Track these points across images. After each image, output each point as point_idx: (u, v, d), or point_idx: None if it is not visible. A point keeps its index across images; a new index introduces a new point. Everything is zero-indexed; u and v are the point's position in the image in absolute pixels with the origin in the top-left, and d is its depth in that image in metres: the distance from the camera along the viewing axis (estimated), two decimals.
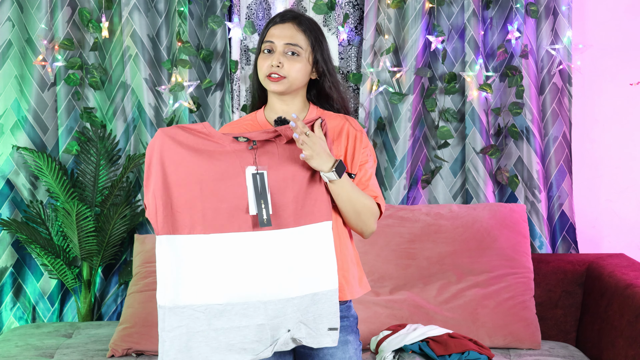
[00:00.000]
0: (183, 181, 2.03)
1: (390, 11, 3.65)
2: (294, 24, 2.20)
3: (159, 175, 2.03)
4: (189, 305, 2.00)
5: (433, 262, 3.24)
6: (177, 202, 2.02)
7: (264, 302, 2.03)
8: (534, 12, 3.59)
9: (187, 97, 3.61)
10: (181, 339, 2.00)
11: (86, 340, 3.19)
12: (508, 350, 3.10)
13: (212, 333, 2.01)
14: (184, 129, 2.06)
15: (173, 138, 2.04)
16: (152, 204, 2.03)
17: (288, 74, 2.16)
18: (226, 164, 2.05)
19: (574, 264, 3.37)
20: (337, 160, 2.07)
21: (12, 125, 3.62)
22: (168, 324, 2.00)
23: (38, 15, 3.60)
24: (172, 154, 2.03)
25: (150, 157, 2.04)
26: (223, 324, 2.01)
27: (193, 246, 2.02)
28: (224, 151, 2.06)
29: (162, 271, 2.02)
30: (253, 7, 3.71)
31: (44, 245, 3.53)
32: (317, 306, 2.07)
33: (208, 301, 2.00)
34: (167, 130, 2.05)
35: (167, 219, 2.02)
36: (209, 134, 2.06)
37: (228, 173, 2.05)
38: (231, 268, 2.02)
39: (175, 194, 2.03)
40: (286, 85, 2.17)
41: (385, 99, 3.67)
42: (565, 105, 3.63)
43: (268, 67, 2.17)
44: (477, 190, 3.60)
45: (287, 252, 2.05)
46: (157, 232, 2.02)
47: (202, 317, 2.00)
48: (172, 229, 2.02)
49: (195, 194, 2.02)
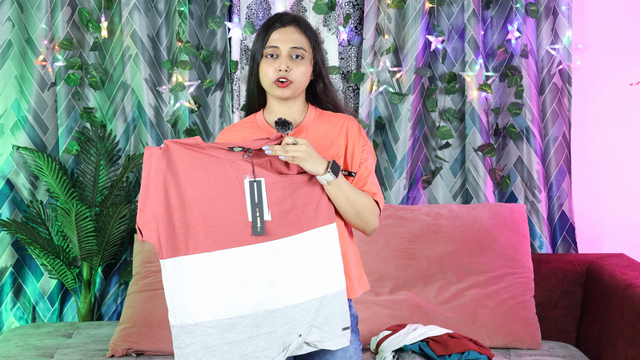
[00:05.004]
0: (183, 203, 2.03)
1: (390, 11, 3.65)
2: (295, 26, 2.20)
3: (160, 199, 2.02)
4: (200, 323, 2.02)
5: (433, 262, 3.24)
6: (178, 224, 2.03)
7: (272, 311, 2.05)
8: (534, 12, 3.59)
9: (188, 97, 3.61)
10: (196, 355, 2.02)
11: (86, 340, 3.19)
12: (508, 350, 3.10)
13: (226, 347, 2.03)
14: (177, 144, 2.05)
15: (169, 159, 2.03)
16: (152, 227, 2.02)
17: (295, 77, 2.16)
18: (224, 180, 2.05)
19: (574, 264, 3.37)
20: (330, 161, 2.08)
21: (12, 125, 3.62)
22: (181, 342, 2.03)
23: (38, 15, 3.60)
24: (170, 177, 2.03)
25: (148, 179, 2.03)
26: (235, 337, 2.03)
27: (198, 265, 2.03)
28: (220, 164, 2.05)
29: (169, 293, 2.04)
30: (253, 7, 3.71)
31: (44, 245, 3.52)
32: (327, 309, 2.08)
33: (218, 317, 2.03)
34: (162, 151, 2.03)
35: (170, 242, 2.02)
36: (202, 147, 2.06)
37: (226, 189, 2.05)
38: (238, 282, 2.03)
39: (176, 217, 2.03)
40: (292, 90, 2.18)
41: (385, 99, 3.67)
42: (565, 105, 3.63)
43: (275, 72, 2.16)
44: (477, 190, 3.60)
45: (291, 260, 2.06)
46: (161, 256, 2.03)
47: (215, 333, 2.03)
48: (175, 252, 2.03)
49: (196, 215, 2.03)
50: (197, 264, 2.03)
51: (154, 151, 2.03)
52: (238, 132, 2.24)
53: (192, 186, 2.03)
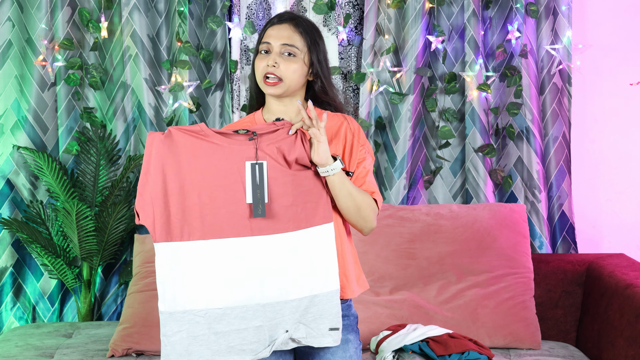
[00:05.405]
0: (181, 189, 2.03)
1: (390, 11, 3.65)
2: (291, 24, 2.20)
3: (157, 184, 2.03)
4: (189, 311, 2.02)
5: (433, 262, 3.25)
6: (175, 210, 2.03)
7: (262, 305, 2.04)
8: (534, 12, 3.59)
9: (186, 97, 3.61)
10: (182, 343, 2.02)
11: (86, 340, 3.19)
12: (508, 350, 3.10)
13: (213, 337, 2.03)
14: (181, 131, 2.05)
15: (170, 145, 2.03)
16: (149, 211, 2.02)
17: (284, 75, 2.16)
18: (225, 169, 2.05)
19: (574, 264, 3.37)
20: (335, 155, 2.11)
21: (12, 125, 3.62)
22: (169, 329, 2.02)
23: (38, 15, 3.60)
24: (171, 162, 2.03)
25: (148, 164, 2.03)
26: (223, 328, 2.03)
27: (191, 253, 2.02)
28: (223, 153, 2.05)
29: (161, 278, 2.03)
30: (253, 7, 3.71)
31: (44, 245, 3.53)
32: (317, 307, 2.08)
33: (208, 306, 2.02)
34: (165, 136, 2.04)
35: (165, 226, 2.02)
36: (206, 134, 2.06)
37: (227, 179, 2.05)
38: (230, 273, 2.03)
39: (173, 202, 2.03)
40: (283, 89, 2.18)
41: (385, 99, 3.67)
42: (565, 105, 3.63)
43: (264, 68, 2.17)
44: (477, 190, 3.60)
45: (286, 256, 2.06)
46: (155, 239, 2.03)
47: (203, 322, 2.02)
48: (169, 236, 2.03)
49: (193, 202, 2.03)
50: (191, 251, 2.02)
51: (157, 136, 2.04)
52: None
53: (192, 173, 2.03)
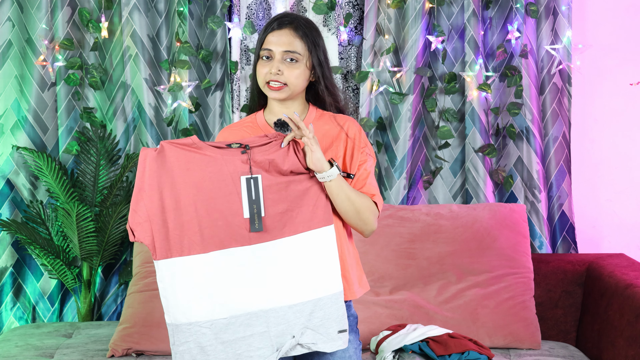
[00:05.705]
0: (178, 204, 2.03)
1: (390, 11, 3.65)
2: (291, 29, 2.19)
3: (154, 202, 2.02)
4: (195, 323, 2.03)
5: (433, 262, 3.25)
6: (172, 225, 2.03)
7: (266, 311, 2.05)
8: (534, 12, 3.59)
9: (185, 97, 3.61)
10: (191, 353, 2.04)
11: (86, 340, 3.19)
12: (508, 350, 3.10)
13: (220, 346, 2.04)
14: (173, 145, 2.05)
15: (163, 161, 2.03)
16: (146, 229, 2.02)
17: (288, 80, 2.16)
18: (219, 181, 2.05)
19: (574, 264, 3.37)
20: (331, 160, 2.10)
21: (12, 125, 3.62)
22: (177, 340, 2.05)
23: (38, 15, 3.60)
24: (165, 178, 2.03)
25: (142, 181, 2.03)
26: (229, 337, 2.04)
27: (192, 267, 2.03)
28: (216, 165, 2.05)
29: (164, 292, 2.05)
30: (253, 7, 3.71)
31: (44, 245, 3.52)
32: (323, 311, 2.08)
33: (212, 317, 2.04)
34: (157, 152, 2.03)
35: (164, 243, 2.03)
36: (198, 147, 2.05)
37: (222, 190, 2.05)
38: (232, 282, 2.04)
39: (171, 218, 2.03)
40: (287, 93, 2.18)
41: (385, 99, 3.67)
42: (565, 105, 3.63)
43: (267, 75, 2.17)
44: (477, 190, 3.60)
45: (286, 261, 2.06)
46: (155, 257, 2.04)
47: (209, 333, 2.04)
48: (169, 253, 2.03)
49: (191, 216, 2.03)
50: (192, 265, 2.03)
51: (149, 152, 2.04)
52: (238, 132, 2.24)
53: (187, 187, 2.03)
